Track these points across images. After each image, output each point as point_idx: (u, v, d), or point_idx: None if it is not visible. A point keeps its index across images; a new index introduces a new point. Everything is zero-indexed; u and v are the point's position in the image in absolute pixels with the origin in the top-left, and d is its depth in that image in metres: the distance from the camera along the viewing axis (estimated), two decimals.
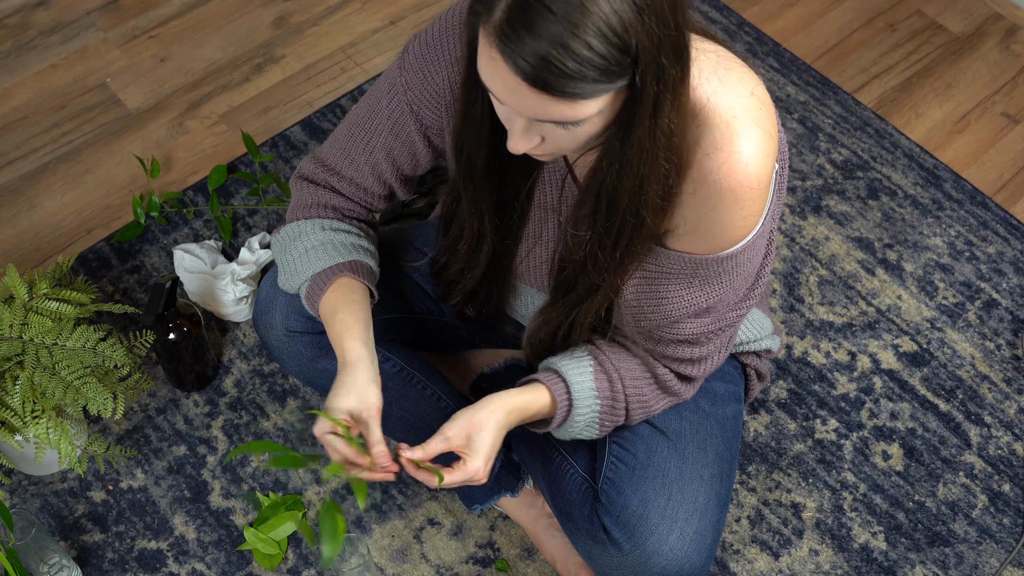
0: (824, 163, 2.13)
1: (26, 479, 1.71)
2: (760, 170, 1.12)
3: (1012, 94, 2.25)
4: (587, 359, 1.31)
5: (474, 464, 1.25)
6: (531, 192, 1.27)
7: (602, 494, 1.38)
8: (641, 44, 0.95)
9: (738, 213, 1.14)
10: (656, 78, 0.99)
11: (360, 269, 1.33)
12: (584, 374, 1.30)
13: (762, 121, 1.11)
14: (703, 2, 2.38)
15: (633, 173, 1.07)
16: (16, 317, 1.52)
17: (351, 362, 1.25)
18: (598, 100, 0.99)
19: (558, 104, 0.98)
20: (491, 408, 1.26)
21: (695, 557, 1.35)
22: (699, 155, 1.11)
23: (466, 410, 1.26)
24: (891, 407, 1.83)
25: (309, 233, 1.35)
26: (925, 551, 1.69)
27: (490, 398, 1.28)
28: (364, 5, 2.36)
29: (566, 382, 1.30)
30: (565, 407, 1.31)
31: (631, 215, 1.11)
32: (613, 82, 0.97)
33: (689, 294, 1.21)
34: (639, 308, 1.25)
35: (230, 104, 2.18)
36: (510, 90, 0.99)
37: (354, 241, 1.35)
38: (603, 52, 0.94)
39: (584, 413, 1.31)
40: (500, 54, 0.96)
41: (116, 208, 2.03)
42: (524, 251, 1.35)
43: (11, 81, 2.20)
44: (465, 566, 1.65)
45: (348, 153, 1.35)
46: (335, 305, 1.30)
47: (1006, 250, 2.02)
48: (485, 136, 1.17)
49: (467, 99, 1.14)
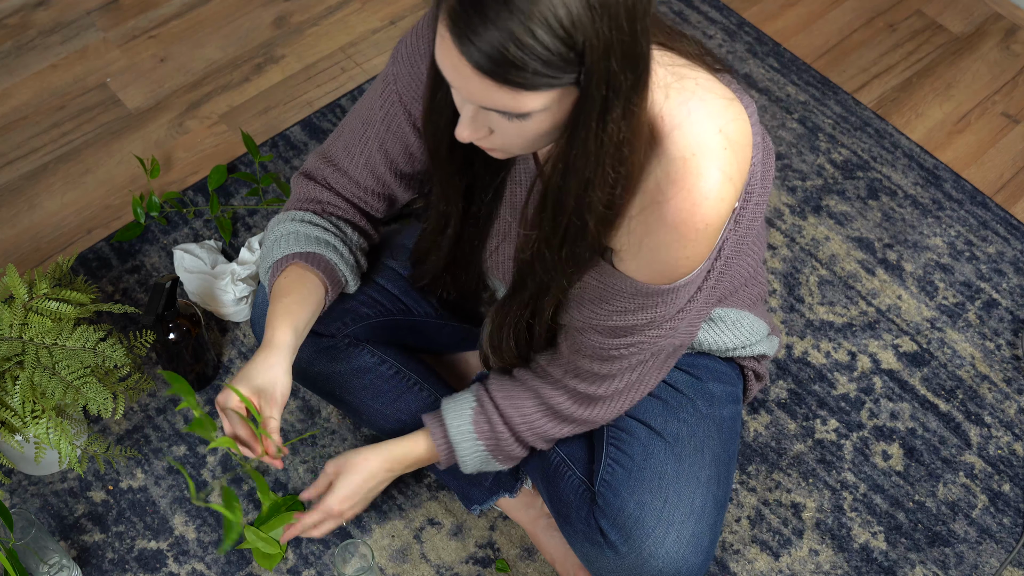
0: (824, 163, 2.12)
1: (26, 479, 1.71)
2: (709, 213, 1.11)
3: (1012, 94, 2.25)
4: (469, 402, 1.38)
5: (327, 502, 1.39)
6: (501, 190, 1.28)
7: (599, 496, 1.38)
8: (589, 42, 0.95)
9: (681, 251, 1.14)
10: (604, 81, 0.98)
11: (316, 261, 1.34)
12: (462, 417, 1.38)
13: (724, 163, 1.10)
14: (703, 2, 2.38)
15: (578, 175, 1.06)
16: (16, 317, 1.52)
17: (275, 344, 1.28)
18: (543, 95, 0.99)
19: (501, 92, 0.98)
20: (366, 455, 1.40)
21: (692, 559, 1.35)
22: (652, 183, 1.10)
23: (350, 451, 1.41)
24: (891, 407, 1.83)
25: (282, 222, 1.38)
26: (925, 551, 1.69)
27: (375, 445, 1.41)
28: (364, 5, 2.36)
29: (444, 425, 1.39)
30: (445, 449, 1.39)
31: (576, 217, 1.11)
32: (557, 76, 0.97)
33: (619, 315, 1.22)
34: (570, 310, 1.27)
35: (230, 104, 2.18)
36: (458, 73, 0.99)
37: (318, 235, 1.36)
38: (547, 43, 0.94)
39: (470, 452, 1.39)
40: (450, 35, 0.97)
41: (116, 208, 2.03)
42: (492, 246, 1.35)
43: (11, 81, 2.20)
44: (465, 566, 1.65)
45: (347, 146, 1.35)
46: (280, 290, 1.33)
47: (1006, 250, 2.02)
48: (447, 122, 1.17)
49: (433, 85, 1.16)
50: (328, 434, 1.76)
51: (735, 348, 1.46)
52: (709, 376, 1.46)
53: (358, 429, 1.76)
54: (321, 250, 1.35)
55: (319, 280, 1.35)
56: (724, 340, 1.45)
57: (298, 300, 1.31)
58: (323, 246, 1.35)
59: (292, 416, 1.77)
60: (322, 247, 1.35)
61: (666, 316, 1.22)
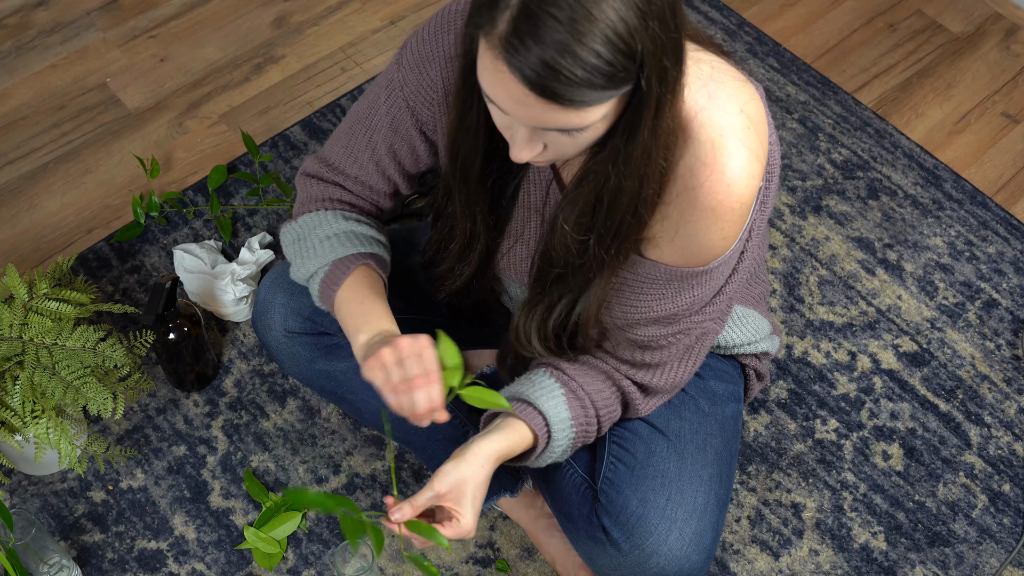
0: (824, 163, 2.13)
1: (26, 479, 1.71)
2: (742, 191, 1.12)
3: (1012, 94, 2.25)
4: (556, 386, 1.30)
5: (467, 521, 1.23)
6: (516, 191, 1.28)
7: (601, 494, 1.38)
8: (646, 48, 0.96)
9: (717, 232, 1.14)
10: (659, 80, 0.99)
11: (380, 262, 1.34)
12: (558, 404, 1.29)
13: (749, 141, 1.11)
14: (703, 2, 2.38)
15: (636, 173, 1.08)
16: (16, 317, 1.52)
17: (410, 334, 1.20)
18: (603, 106, 0.99)
19: (565, 112, 0.98)
20: (480, 462, 1.24)
21: (694, 557, 1.35)
22: (683, 168, 1.11)
23: (455, 464, 1.23)
24: (891, 407, 1.83)
25: (331, 222, 1.34)
26: (925, 551, 1.69)
27: (476, 449, 1.25)
28: (364, 5, 2.36)
29: (543, 414, 1.29)
30: (545, 439, 1.30)
31: (630, 214, 1.12)
32: (619, 88, 0.98)
33: (659, 303, 1.22)
34: (608, 309, 1.25)
35: (230, 104, 2.18)
36: (515, 100, 0.99)
37: (373, 235, 1.35)
38: (610, 59, 0.94)
39: (561, 442, 1.31)
40: (506, 65, 0.96)
41: (116, 208, 2.03)
42: (506, 247, 1.35)
43: (11, 81, 2.20)
44: (465, 566, 1.65)
45: (351, 151, 1.35)
46: (358, 291, 1.28)
47: (1006, 250, 2.02)
48: (481, 143, 1.17)
49: (463, 106, 1.14)
50: (328, 434, 1.76)
51: (740, 345, 1.47)
52: (711, 374, 1.46)
53: (358, 429, 1.76)
54: (380, 251, 1.34)
55: (383, 281, 1.33)
56: (730, 336, 1.45)
57: (381, 303, 1.28)
58: (379, 247, 1.35)
59: (292, 416, 1.77)
60: (379, 248, 1.34)
61: (704, 298, 1.23)
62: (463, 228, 1.30)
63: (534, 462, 1.33)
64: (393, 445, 1.20)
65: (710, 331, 1.30)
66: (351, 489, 1.71)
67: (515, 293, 1.44)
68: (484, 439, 1.26)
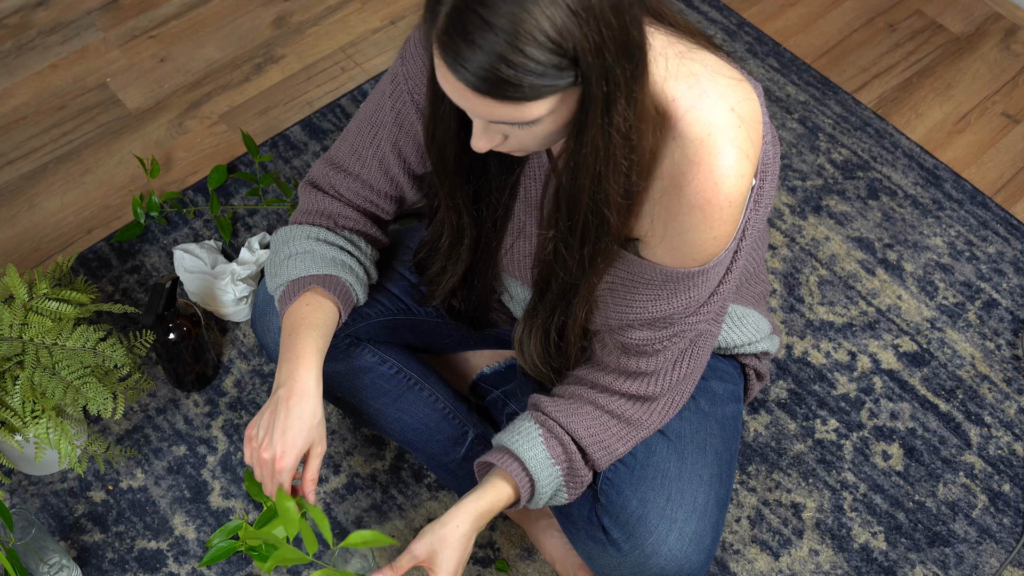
0: (824, 163, 2.13)
1: (26, 479, 1.71)
2: (731, 190, 1.11)
3: (1012, 94, 2.25)
4: (534, 428, 1.31)
5: None
6: (515, 187, 1.28)
7: (601, 494, 1.38)
8: (580, 46, 0.96)
9: (707, 231, 1.14)
10: (603, 78, 0.99)
11: (333, 285, 1.33)
12: (534, 446, 1.30)
13: (739, 140, 1.11)
14: (703, 2, 2.38)
15: (589, 171, 1.07)
16: (16, 317, 1.52)
17: (303, 392, 1.24)
18: (545, 101, 1.00)
19: (506, 107, 0.99)
20: (456, 522, 1.29)
21: (694, 557, 1.35)
22: (670, 166, 1.11)
23: (433, 525, 1.29)
24: (891, 407, 1.83)
25: (298, 239, 1.35)
26: (925, 551, 1.69)
27: (456, 509, 1.30)
28: (364, 5, 2.36)
29: (520, 460, 1.31)
30: (528, 487, 1.31)
31: (592, 213, 1.11)
32: (555, 83, 0.98)
33: (654, 304, 1.22)
34: (603, 309, 1.25)
35: (230, 104, 2.18)
36: (459, 95, 1.01)
37: (335, 255, 1.34)
38: (538, 58, 0.95)
39: (548, 483, 1.32)
40: (443, 61, 0.98)
41: (116, 208, 2.03)
42: (507, 244, 1.35)
43: (11, 81, 2.20)
44: (465, 566, 1.65)
45: (356, 149, 1.35)
46: (298, 322, 1.29)
47: (1006, 250, 2.02)
48: (453, 132, 1.18)
49: (433, 97, 1.15)
50: (328, 434, 1.76)
51: (740, 345, 1.47)
52: (711, 374, 1.46)
53: (358, 429, 1.76)
54: (338, 272, 1.33)
55: (336, 308, 1.33)
56: (730, 336, 1.45)
57: (324, 335, 1.29)
58: (340, 267, 1.34)
59: None
60: (339, 268, 1.33)
61: (699, 300, 1.22)
62: (449, 222, 1.31)
63: (535, 506, 1.35)
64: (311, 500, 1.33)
65: (705, 333, 1.30)
66: (351, 489, 1.71)
67: (516, 293, 1.44)
68: (464, 498, 1.31)
